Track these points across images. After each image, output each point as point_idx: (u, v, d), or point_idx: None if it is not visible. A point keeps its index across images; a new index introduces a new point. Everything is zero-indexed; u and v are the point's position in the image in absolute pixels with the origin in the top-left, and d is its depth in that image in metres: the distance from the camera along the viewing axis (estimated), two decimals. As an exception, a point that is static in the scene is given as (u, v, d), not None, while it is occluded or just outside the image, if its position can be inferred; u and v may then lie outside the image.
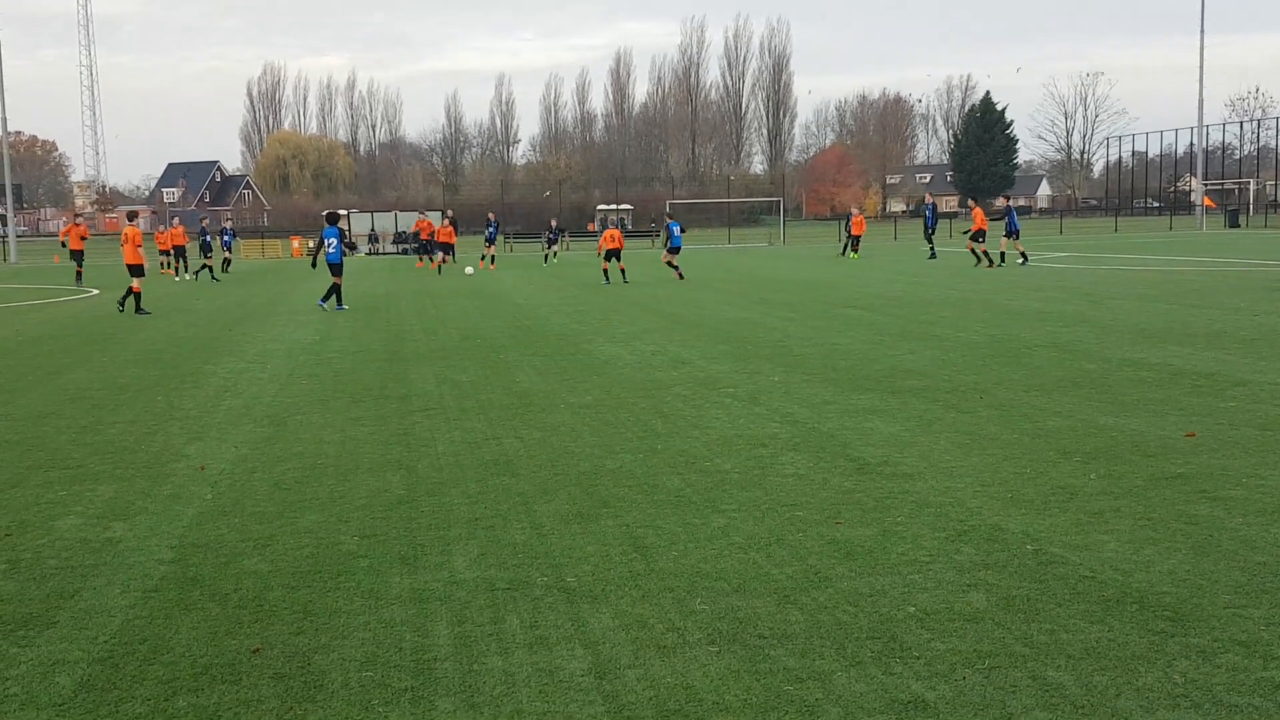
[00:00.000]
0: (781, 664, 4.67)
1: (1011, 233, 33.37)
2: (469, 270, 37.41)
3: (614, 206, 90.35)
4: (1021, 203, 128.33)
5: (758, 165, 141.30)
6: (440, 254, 41.23)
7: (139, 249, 23.54)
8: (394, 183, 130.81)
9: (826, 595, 5.46)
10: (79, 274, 35.63)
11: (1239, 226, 69.61)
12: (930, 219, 40.64)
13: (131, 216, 24.81)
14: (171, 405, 11.62)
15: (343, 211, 52.71)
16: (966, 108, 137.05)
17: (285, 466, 8.61)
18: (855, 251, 42.13)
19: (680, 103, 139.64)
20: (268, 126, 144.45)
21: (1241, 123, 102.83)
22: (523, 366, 13.93)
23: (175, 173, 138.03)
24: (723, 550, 6.22)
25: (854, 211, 44.17)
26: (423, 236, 43.33)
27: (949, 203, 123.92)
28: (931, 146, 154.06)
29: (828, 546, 6.22)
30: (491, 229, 42.99)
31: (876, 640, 4.88)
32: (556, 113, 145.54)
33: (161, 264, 40.43)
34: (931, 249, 39.66)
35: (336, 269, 23.33)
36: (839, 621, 5.11)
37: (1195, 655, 4.60)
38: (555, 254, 45.15)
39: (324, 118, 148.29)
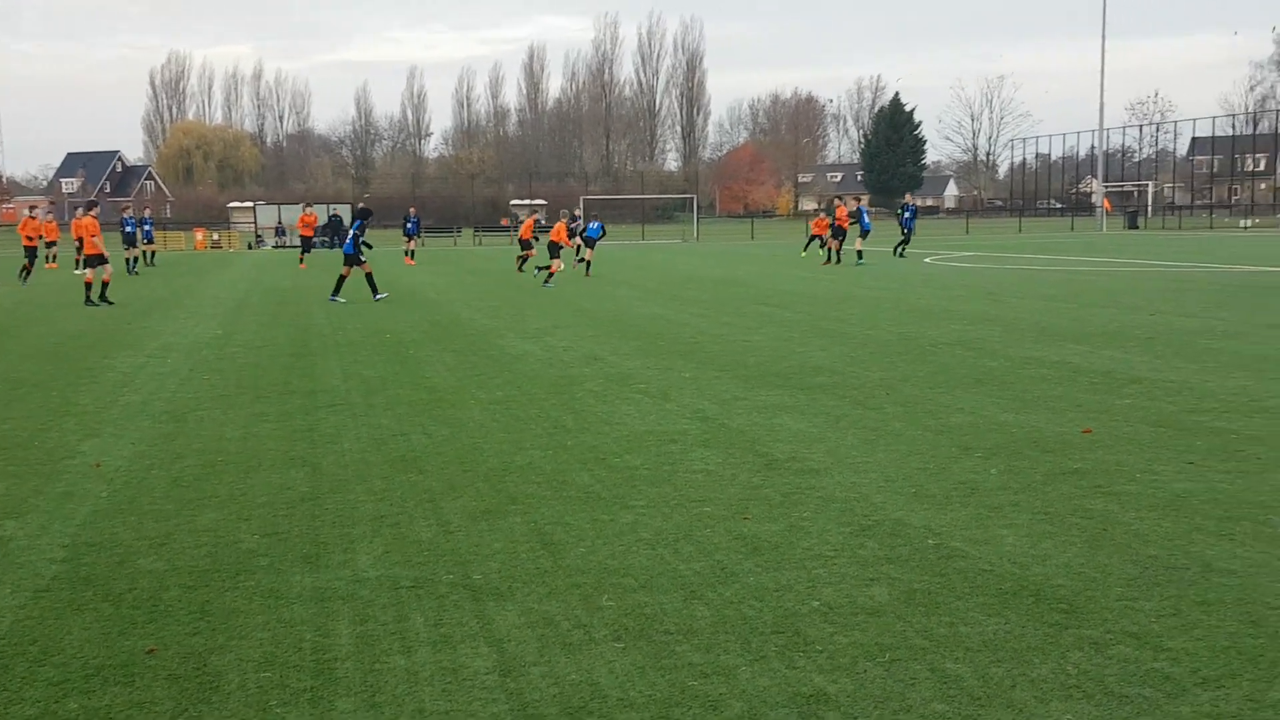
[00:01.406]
0: (686, 659, 4.68)
1: (864, 232, 34.26)
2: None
3: (528, 202, 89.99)
4: (929, 203, 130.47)
5: (672, 162, 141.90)
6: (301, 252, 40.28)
7: (95, 239, 23.06)
8: (302, 175, 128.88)
9: (733, 590, 5.48)
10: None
11: (1138, 228, 71.47)
12: (908, 220, 39.42)
13: (90, 207, 24.26)
14: (67, 401, 11.31)
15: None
16: (876, 108, 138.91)
17: (184, 463, 8.43)
18: (823, 250, 40.18)
19: (594, 98, 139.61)
20: (171, 116, 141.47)
21: (1141, 126, 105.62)
22: (433, 362, 13.81)
23: (74, 163, 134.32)
24: (631, 546, 6.22)
25: (836, 205, 42.81)
26: (304, 234, 41.26)
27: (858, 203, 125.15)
28: (843, 146, 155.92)
29: (735, 542, 6.26)
30: (412, 223, 42.34)
31: (781, 634, 4.92)
32: (469, 106, 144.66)
33: (47, 257, 39.25)
34: (902, 251, 38.79)
35: (347, 259, 23.33)
36: (744, 616, 5.14)
37: (1088, 646, 4.70)
38: (413, 250, 42.09)
39: (230, 108, 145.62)
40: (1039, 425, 9.21)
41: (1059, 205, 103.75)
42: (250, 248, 60.54)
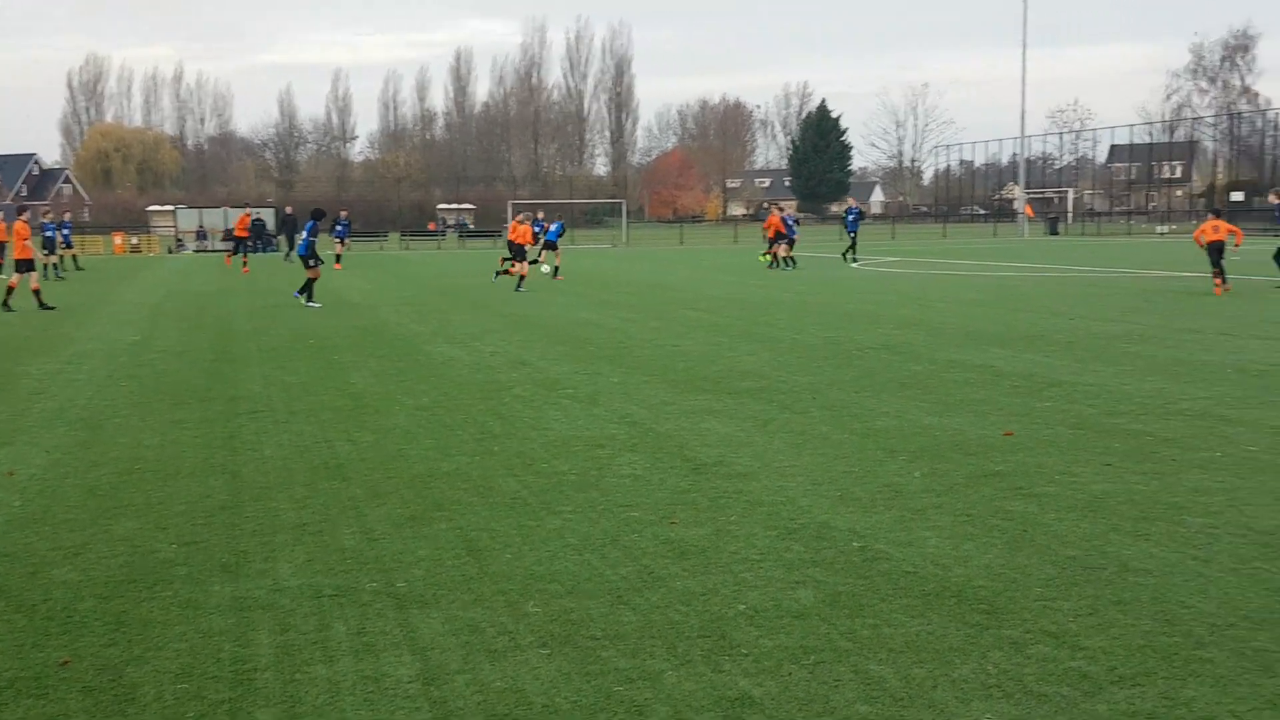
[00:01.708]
0: (613, 665, 4.66)
1: (789, 240, 34.68)
2: (545, 269, 34.03)
3: (455, 206, 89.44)
4: (785, 210, 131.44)
5: (601, 167, 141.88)
6: (241, 253, 39.70)
7: (26, 243, 22.62)
8: (224, 178, 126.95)
9: (659, 595, 5.48)
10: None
11: (1058, 234, 72.76)
12: (852, 224, 39.29)
13: (20, 211, 23.74)
14: (-20, 408, 11.02)
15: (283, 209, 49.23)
16: (803, 115, 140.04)
17: (100, 472, 8.26)
18: (771, 256, 40.21)
19: (522, 102, 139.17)
20: (89, 118, 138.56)
21: (1061, 134, 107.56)
22: (357, 368, 13.66)
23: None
24: (557, 552, 6.20)
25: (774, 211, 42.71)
26: (237, 234, 41.08)
27: (788, 208, 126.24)
28: (770, 152, 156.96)
29: (662, 546, 6.26)
30: (342, 227, 41.78)
31: (707, 639, 4.92)
32: (396, 110, 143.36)
33: None
34: (853, 256, 38.68)
35: (304, 261, 23.04)
36: (671, 621, 5.14)
37: (1008, 646, 4.77)
38: (340, 255, 40.96)
39: (149, 110, 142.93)
40: (962, 428, 9.33)
41: (982, 211, 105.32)
42: (170, 252, 59.48)
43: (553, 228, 33.06)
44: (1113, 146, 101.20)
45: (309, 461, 8.50)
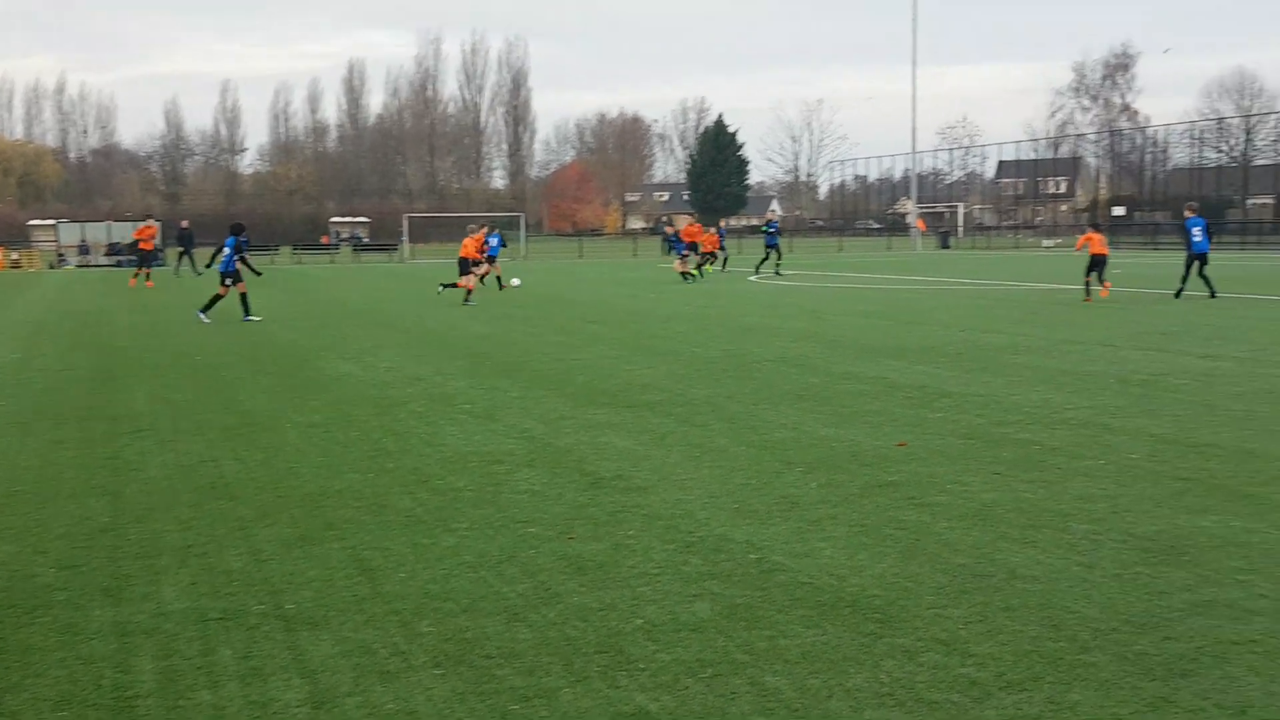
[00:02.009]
0: (508, 683, 4.61)
1: (680, 253, 35.19)
2: (515, 282, 33.27)
3: (349, 219, 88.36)
4: (754, 221, 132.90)
5: (498, 180, 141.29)
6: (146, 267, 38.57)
7: None
8: (108, 191, 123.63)
9: (556, 611, 5.44)
10: None
11: (949, 248, 74.33)
12: (771, 239, 39.38)
13: None
14: None
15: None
16: (701, 129, 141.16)
17: (-23, 495, 7.95)
18: (709, 267, 39.66)
19: (417, 115, 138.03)
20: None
21: (951, 150, 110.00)
22: (246, 384, 13.38)
23: None
24: (453, 570, 6.12)
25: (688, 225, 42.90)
26: (143, 247, 39.30)
27: (686, 221, 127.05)
28: (669, 165, 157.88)
29: (559, 562, 6.21)
30: (242, 240, 40.61)
31: (604, 654, 4.89)
32: (286, 121, 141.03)
33: None
34: (777, 268, 38.86)
35: (223, 278, 22.58)
36: (568, 637, 5.10)
37: (901, 655, 4.82)
38: (179, 270, 39.78)
39: (30, 122, 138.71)
40: (857, 439, 9.44)
41: (877, 225, 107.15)
42: (52, 267, 57.74)
43: (494, 242, 32.77)
44: (1000, 162, 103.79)
45: (194, 481, 8.29)
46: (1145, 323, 19.13)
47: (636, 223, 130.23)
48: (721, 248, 41.37)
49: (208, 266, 26.02)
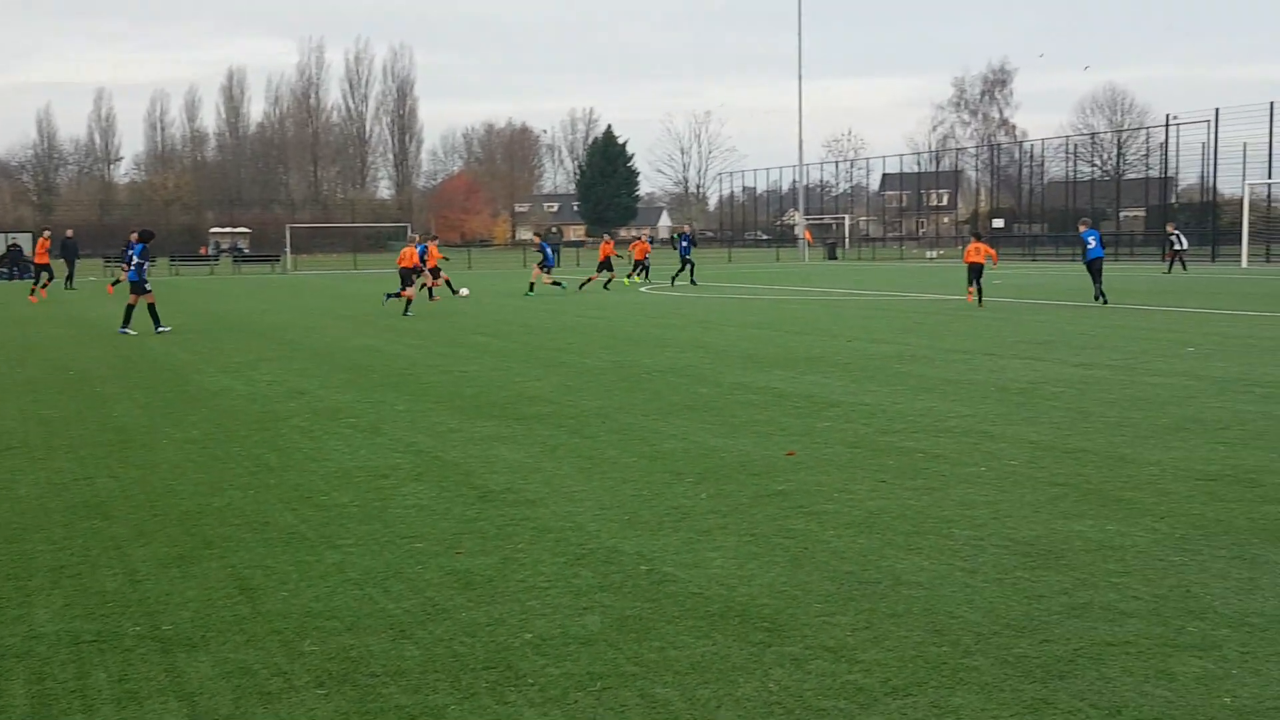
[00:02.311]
0: (394, 702, 4.53)
1: (546, 265, 35.21)
2: (464, 291, 33.11)
3: (229, 230, 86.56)
4: (645, 232, 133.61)
5: (385, 190, 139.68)
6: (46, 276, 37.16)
7: None
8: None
9: (444, 627, 5.36)
10: None
11: (836, 258, 75.52)
12: (685, 249, 39.70)
13: None
14: None
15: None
16: (590, 140, 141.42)
17: None
18: (642, 276, 40.20)
19: (300, 124, 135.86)
20: None
21: (837, 163, 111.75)
22: (122, 400, 12.99)
23: None
24: (337, 587, 6.00)
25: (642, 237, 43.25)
26: (37, 260, 37.34)
27: (576, 232, 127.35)
28: (558, 176, 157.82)
29: (447, 577, 6.14)
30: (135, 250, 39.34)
31: (492, 670, 4.84)
32: (163, 130, 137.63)
33: None
34: (692, 278, 38.91)
35: (134, 287, 21.89)
36: (455, 654, 5.03)
37: (789, 663, 4.85)
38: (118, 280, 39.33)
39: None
40: (747, 449, 9.51)
41: (765, 236, 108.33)
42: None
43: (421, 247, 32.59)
44: (885, 175, 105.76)
45: (68, 500, 8.01)
46: (1024, 332, 19.65)
47: (526, 233, 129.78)
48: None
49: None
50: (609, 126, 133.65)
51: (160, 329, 21.80)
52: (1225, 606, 5.45)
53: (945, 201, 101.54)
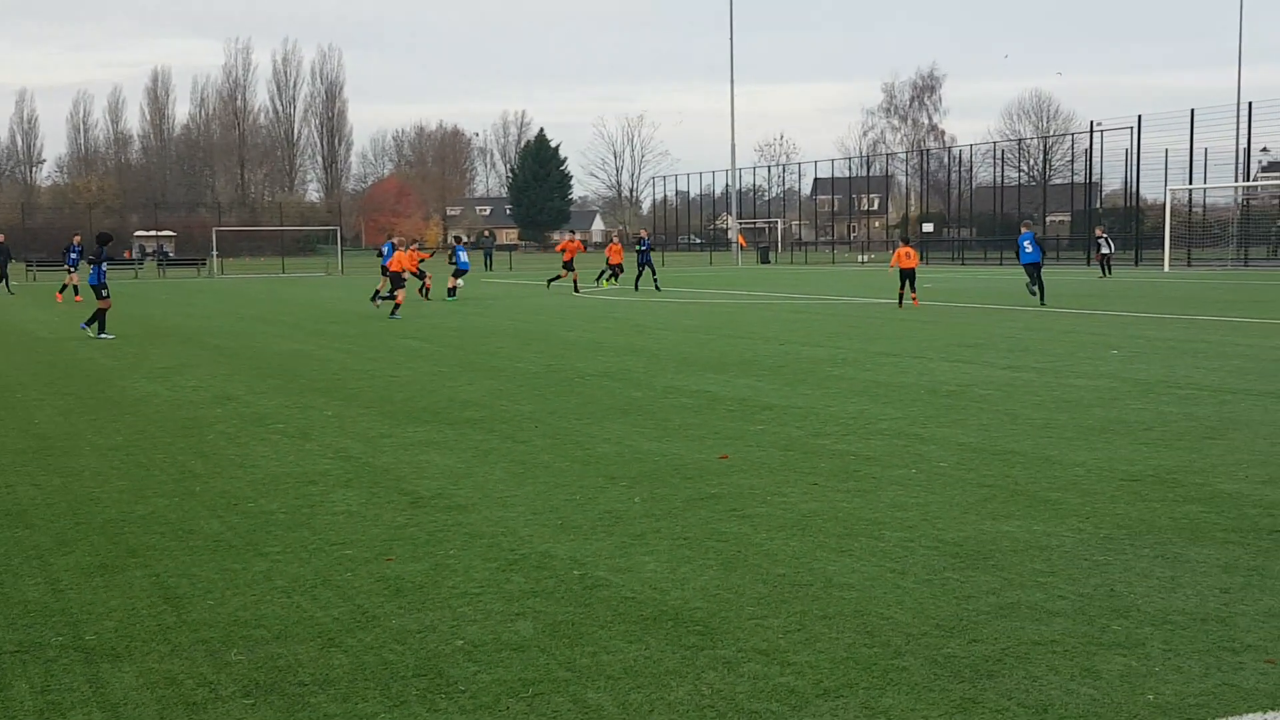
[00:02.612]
0: (322, 711, 4.47)
1: (460, 270, 35.64)
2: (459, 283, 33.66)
3: (154, 233, 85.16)
4: (580, 236, 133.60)
5: (314, 193, 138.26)
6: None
7: None
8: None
9: (373, 635, 5.31)
10: None
11: (769, 262, 75.99)
12: (644, 255, 39.87)
13: None
14: None
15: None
16: (522, 143, 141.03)
17: None
18: (607, 282, 40.15)
19: (227, 126, 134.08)
20: None
21: (769, 167, 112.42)
22: (42, 406, 12.71)
23: None
24: (264, 595, 5.91)
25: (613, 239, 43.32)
26: None
27: (509, 235, 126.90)
28: (491, 180, 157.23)
29: (377, 584, 6.07)
30: (76, 253, 38.55)
31: (423, 677, 4.79)
32: (86, 132, 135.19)
33: None
34: (655, 284, 38.88)
35: (96, 290, 21.45)
36: (385, 661, 4.98)
37: (722, 666, 4.86)
38: (75, 285, 37.02)
39: None
40: (680, 453, 9.52)
41: (699, 240, 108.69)
42: None
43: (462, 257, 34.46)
44: (816, 179, 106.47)
45: (-13, 509, 7.82)
46: (953, 335, 19.89)
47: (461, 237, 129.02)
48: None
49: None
50: (541, 130, 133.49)
51: (103, 335, 21.44)
52: (1148, 605, 5.55)
53: (876, 206, 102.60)
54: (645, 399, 12.66)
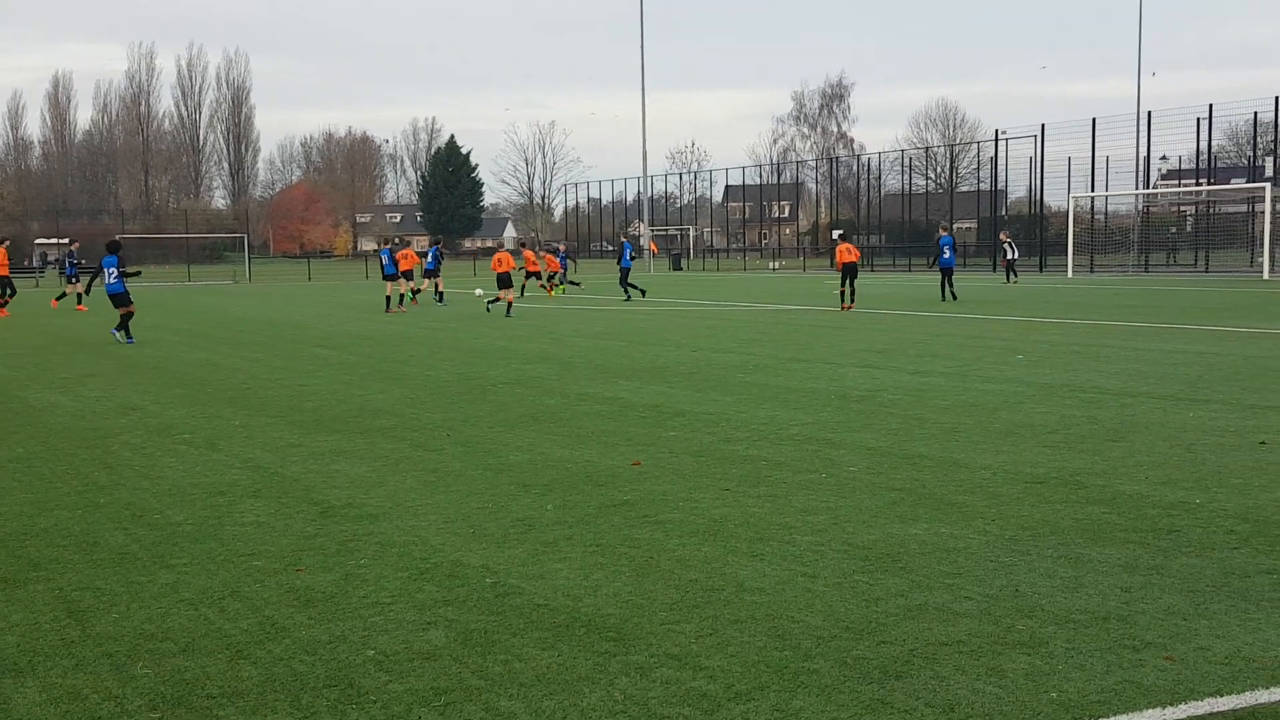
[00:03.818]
0: (231, 725, 4.41)
1: (430, 271, 36.34)
2: (478, 292, 33.84)
3: (55, 240, 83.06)
4: (489, 243, 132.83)
5: (220, 199, 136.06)
6: None
7: None
8: None
9: (283, 646, 5.24)
10: None
11: (681, 269, 76.36)
12: (629, 259, 40.25)
13: None
14: None
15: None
16: (433, 150, 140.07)
17: None
18: (560, 288, 40.82)
19: (130, 132, 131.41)
20: None
21: (681, 174, 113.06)
22: (-60, 417, 12.34)
23: None
24: (170, 608, 5.81)
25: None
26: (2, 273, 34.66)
27: (421, 243, 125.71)
28: (401, 186, 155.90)
29: (287, 595, 6.00)
30: (73, 261, 37.23)
31: (333, 688, 4.74)
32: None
33: None
34: (639, 290, 38.93)
35: (120, 299, 21.72)
36: (295, 673, 4.92)
37: (634, 672, 4.88)
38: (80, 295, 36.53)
39: None
40: (593, 459, 9.53)
41: (611, 247, 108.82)
42: None
43: (430, 255, 35.85)
44: (728, 187, 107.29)
45: (-122, 524, 7.57)
46: (863, 341, 20.16)
47: (369, 244, 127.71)
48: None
49: (86, 292, 26.26)
50: (452, 136, 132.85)
51: (128, 339, 21.92)
52: (1052, 604, 5.68)
53: (787, 213, 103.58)
54: (558, 406, 12.65)
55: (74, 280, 36.54)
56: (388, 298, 31.26)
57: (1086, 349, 18.01)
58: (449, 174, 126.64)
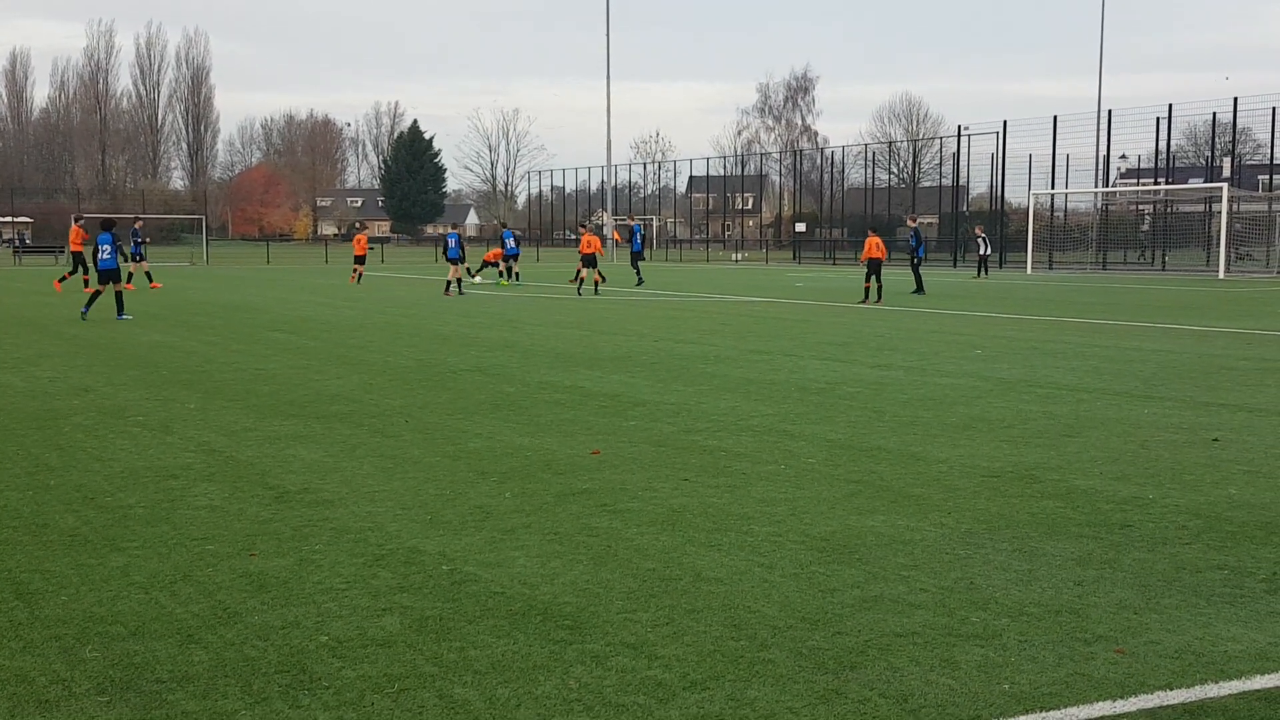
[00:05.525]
0: (181, 708, 4.35)
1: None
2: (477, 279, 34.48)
3: (10, 219, 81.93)
4: (453, 229, 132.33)
5: (178, 180, 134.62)
6: None
7: None
8: None
9: (235, 631, 5.18)
10: None
11: (644, 259, 76.23)
12: (639, 244, 40.62)
13: None
14: None
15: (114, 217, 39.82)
16: (396, 135, 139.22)
17: None
18: (504, 281, 40.22)
19: (88, 110, 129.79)
20: None
21: (645, 164, 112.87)
22: (-113, 395, 12.13)
23: None
24: (121, 591, 5.73)
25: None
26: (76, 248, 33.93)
27: (382, 228, 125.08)
28: (363, 171, 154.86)
29: (240, 580, 5.94)
30: (102, 240, 36.26)
31: (285, 674, 4.70)
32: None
33: None
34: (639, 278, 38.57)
35: (111, 274, 22.04)
36: (247, 658, 4.87)
37: (590, 660, 4.86)
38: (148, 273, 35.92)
39: None
40: (552, 448, 9.50)
41: (574, 236, 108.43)
42: None
43: (510, 242, 38.12)
44: (691, 178, 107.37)
45: None
46: (824, 334, 20.23)
47: (329, 228, 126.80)
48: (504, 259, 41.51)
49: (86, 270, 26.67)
50: (415, 121, 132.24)
51: (126, 317, 22.31)
52: (1005, 597, 5.72)
53: (750, 205, 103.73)
54: (517, 394, 12.61)
55: (140, 259, 36.20)
56: (448, 281, 32.54)
57: (1044, 345, 18.15)
58: (411, 159, 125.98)
